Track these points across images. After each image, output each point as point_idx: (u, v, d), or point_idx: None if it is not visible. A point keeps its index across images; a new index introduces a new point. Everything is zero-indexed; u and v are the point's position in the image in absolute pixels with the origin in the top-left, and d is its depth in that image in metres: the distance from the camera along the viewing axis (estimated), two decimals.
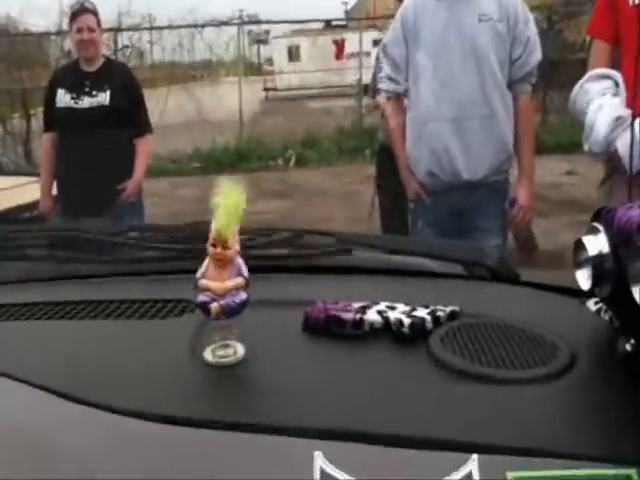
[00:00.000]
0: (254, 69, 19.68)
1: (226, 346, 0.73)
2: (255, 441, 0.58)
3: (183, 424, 0.60)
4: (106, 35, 7.68)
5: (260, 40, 21.34)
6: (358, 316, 0.76)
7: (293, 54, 16.43)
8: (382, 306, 0.79)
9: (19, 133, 8.76)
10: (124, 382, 0.68)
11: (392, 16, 2.48)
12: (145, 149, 3.17)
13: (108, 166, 2.99)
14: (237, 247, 0.72)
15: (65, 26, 9.45)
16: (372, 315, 0.76)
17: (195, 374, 0.70)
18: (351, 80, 11.99)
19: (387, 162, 3.08)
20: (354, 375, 0.69)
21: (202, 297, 0.72)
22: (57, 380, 0.66)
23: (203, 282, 0.72)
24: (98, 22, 3.14)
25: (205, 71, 13.13)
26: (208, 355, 0.72)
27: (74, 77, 3.06)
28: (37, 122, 8.57)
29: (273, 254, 0.98)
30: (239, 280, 0.73)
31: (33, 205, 3.75)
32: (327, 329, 0.77)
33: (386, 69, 2.34)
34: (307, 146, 8.97)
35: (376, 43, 12.68)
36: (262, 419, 0.60)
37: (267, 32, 18.89)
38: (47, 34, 9.81)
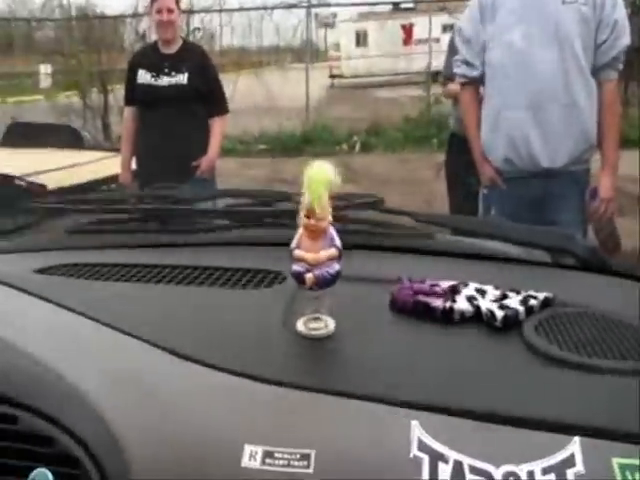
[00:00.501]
0: (320, 54, 19.63)
1: (317, 319, 0.75)
2: (353, 407, 0.60)
3: (274, 385, 0.63)
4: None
5: (327, 23, 21.24)
6: (448, 304, 0.76)
7: (360, 39, 16.26)
8: (472, 290, 0.79)
9: (97, 108, 9.10)
10: (222, 344, 0.71)
11: None
12: (220, 128, 3.25)
13: (184, 143, 3.08)
14: (330, 218, 0.74)
15: (141, 9, 9.78)
16: (462, 304, 0.76)
17: (288, 343, 0.72)
18: (419, 67, 11.77)
19: (458, 150, 3.03)
20: (446, 354, 0.70)
21: (297, 267, 0.73)
22: (162, 336, 0.69)
23: (298, 252, 0.74)
24: (177, 3, 3.21)
25: (273, 57, 13.21)
26: (300, 326, 0.75)
27: (153, 58, 3.16)
28: (114, 99, 8.92)
29: (356, 229, 0.99)
30: (333, 251, 0.74)
31: (113, 178, 3.92)
32: (414, 312, 0.78)
33: (462, 52, 2.29)
34: (372, 133, 8.92)
35: (446, 28, 12.39)
36: (357, 389, 0.62)
37: (334, 15, 18.78)
38: (122, 17, 10.10)
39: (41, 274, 0.90)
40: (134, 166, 3.31)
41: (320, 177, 0.72)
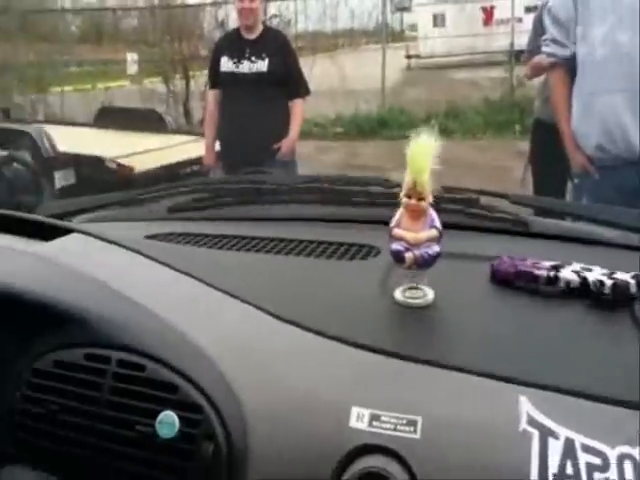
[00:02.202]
0: (396, 36, 19.31)
1: (416, 288, 0.77)
2: (459, 378, 0.62)
3: (377, 352, 0.65)
4: None
5: (402, 8, 20.82)
6: (552, 273, 0.76)
7: (438, 21, 15.86)
8: (577, 267, 0.78)
9: (180, 94, 9.39)
10: (325, 310, 0.74)
11: None
12: (300, 111, 3.31)
13: (265, 126, 3.15)
14: (431, 199, 0.75)
15: None
16: (568, 273, 0.76)
17: (388, 312, 0.74)
18: (499, 46, 11.37)
19: (543, 138, 2.91)
20: (551, 331, 0.70)
21: (396, 246, 0.75)
22: (267, 301, 0.73)
23: (397, 231, 0.75)
24: None
25: (347, 39, 13.13)
26: (398, 295, 0.76)
27: (236, 44, 3.23)
28: (195, 85, 9.18)
29: (452, 209, 1.00)
30: (433, 232, 0.75)
31: (196, 160, 4.06)
32: (516, 283, 0.78)
33: (551, 31, 2.20)
34: (451, 117, 8.69)
35: (529, 9, 11.89)
36: (462, 362, 0.63)
37: None
38: (203, 5, 10.32)
39: (151, 240, 0.97)
40: (217, 148, 3.41)
41: (421, 154, 0.73)
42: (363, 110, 9.02)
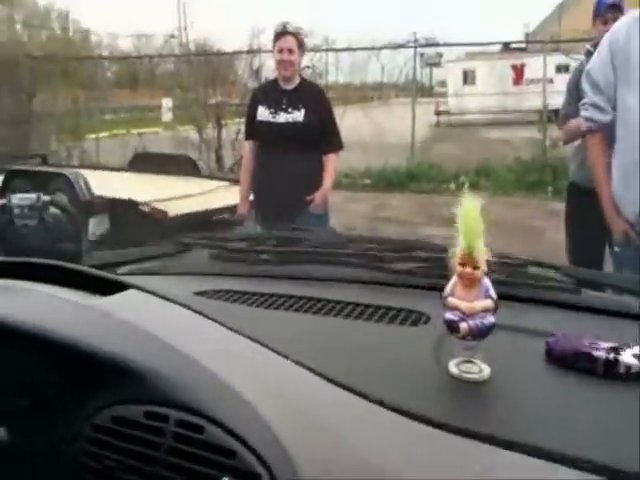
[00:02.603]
0: (425, 91, 19.67)
1: (471, 362, 0.76)
2: (516, 459, 0.60)
3: (432, 424, 0.64)
4: None
5: (433, 63, 21.29)
6: (612, 356, 0.74)
7: (468, 78, 16.13)
8: (637, 350, 0.76)
9: (212, 140, 9.61)
10: (378, 377, 0.73)
11: (582, 40, 2.34)
12: (333, 163, 3.34)
13: (299, 177, 3.18)
14: (485, 267, 0.74)
15: (255, 46, 10.27)
16: (628, 357, 0.74)
17: (439, 382, 0.73)
18: (529, 105, 11.45)
19: (579, 202, 2.87)
20: (609, 413, 0.67)
21: (450, 315, 0.74)
22: (323, 365, 0.72)
23: (452, 300, 0.74)
24: (299, 44, 3.35)
25: (377, 92, 13.42)
26: (453, 368, 0.75)
27: (273, 95, 3.30)
28: (227, 132, 9.39)
29: (501, 279, 0.98)
30: (488, 302, 0.74)
31: (228, 208, 4.12)
32: (573, 363, 0.76)
33: (590, 95, 2.19)
34: (481, 174, 8.70)
35: (560, 69, 12.04)
36: (521, 440, 0.61)
37: (440, 55, 18.81)
38: (238, 53, 10.64)
39: (200, 296, 0.98)
40: (251, 197, 3.45)
41: (473, 221, 0.73)
42: (392, 163, 9.11)
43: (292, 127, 3.21)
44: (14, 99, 9.39)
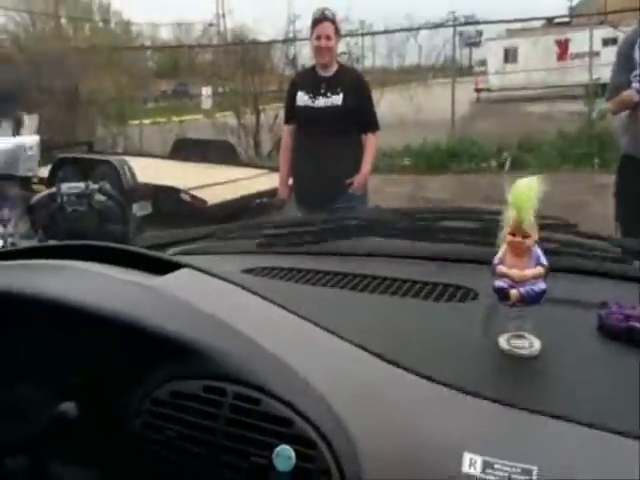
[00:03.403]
0: (464, 72, 19.26)
1: (521, 337, 0.75)
2: (573, 431, 0.60)
3: (488, 400, 0.63)
4: None
5: (472, 43, 20.79)
6: None
7: (510, 56, 15.69)
8: None
9: (250, 126, 9.68)
10: (430, 354, 0.74)
11: (629, 10, 2.27)
12: (372, 146, 3.33)
13: (338, 160, 3.18)
14: (536, 236, 0.73)
15: (291, 35, 10.23)
16: None
17: (490, 357, 0.73)
18: (575, 80, 11.10)
19: (631, 174, 2.80)
20: None
21: (500, 283, 0.73)
22: (372, 342, 0.73)
23: (502, 268, 0.73)
24: (336, 30, 3.33)
25: (415, 75, 13.23)
26: (503, 343, 0.74)
27: (312, 80, 3.30)
28: (265, 118, 9.43)
29: (553, 249, 0.97)
30: (539, 269, 0.73)
31: (269, 193, 4.16)
32: (626, 337, 0.74)
33: None
34: (524, 149, 8.45)
35: (607, 42, 11.61)
36: (576, 414, 0.61)
37: (480, 33, 18.32)
38: (274, 42, 10.63)
39: (248, 274, 0.99)
40: (291, 182, 3.47)
41: (528, 194, 0.72)
42: (432, 141, 8.95)
43: (331, 111, 3.21)
44: (62, 89, 9.64)
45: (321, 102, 3.24)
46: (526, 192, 0.72)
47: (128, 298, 0.79)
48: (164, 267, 0.87)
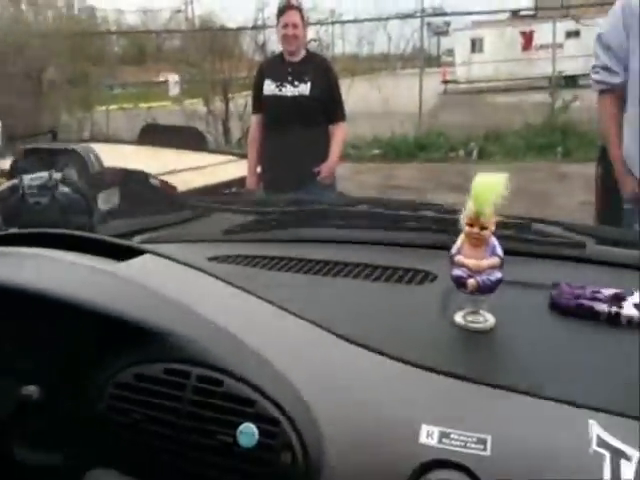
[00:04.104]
0: (432, 61, 19.38)
1: (476, 313, 0.78)
2: (526, 402, 0.63)
3: (444, 374, 0.67)
4: None
5: (440, 32, 20.90)
6: (614, 309, 0.76)
7: (476, 46, 15.86)
8: (638, 299, 0.78)
9: (219, 113, 9.58)
10: (390, 333, 0.76)
11: (592, 5, 2.33)
12: (340, 135, 3.34)
13: (306, 150, 3.19)
14: (493, 228, 0.76)
15: (260, 22, 10.15)
16: (630, 309, 0.76)
17: (447, 334, 0.76)
18: (539, 72, 11.29)
19: (610, 164, 2.87)
20: (613, 359, 0.70)
21: (458, 272, 0.77)
22: (333, 322, 0.76)
23: (459, 258, 0.77)
24: (302, 18, 3.32)
25: (384, 64, 13.26)
26: (459, 319, 0.78)
27: (279, 68, 3.29)
28: (234, 105, 9.35)
29: (508, 235, 1.00)
30: (495, 260, 0.76)
31: (237, 181, 4.13)
32: (576, 315, 0.78)
33: (602, 58, 2.20)
34: (490, 140, 8.61)
35: (569, 35, 11.80)
36: (529, 386, 0.64)
37: (447, 24, 18.46)
38: (243, 29, 10.53)
39: (213, 261, 1.00)
40: (259, 170, 3.46)
41: (488, 189, 0.75)
42: (400, 132, 9.03)
43: (299, 100, 3.20)
44: (24, 77, 9.38)
45: (288, 91, 3.23)
46: (487, 187, 0.74)
47: (89, 283, 0.80)
48: (126, 254, 0.87)
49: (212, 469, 0.67)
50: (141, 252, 0.88)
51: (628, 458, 0.55)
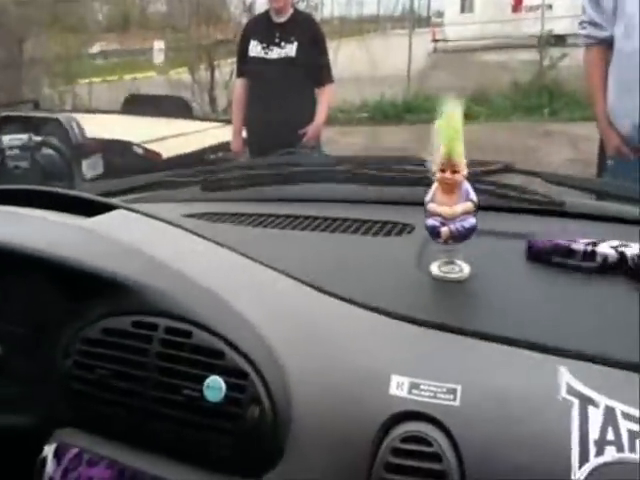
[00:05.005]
0: (422, 22, 19.07)
1: (451, 263, 0.77)
2: (496, 349, 0.62)
3: (415, 323, 0.66)
4: None
5: None
6: (590, 248, 0.75)
7: (466, 5, 15.63)
8: (614, 242, 0.77)
9: (205, 82, 9.43)
10: (363, 283, 0.76)
11: None
12: (326, 97, 3.31)
13: (292, 112, 3.15)
14: (465, 171, 0.74)
15: None
16: (605, 248, 0.75)
17: (422, 284, 0.76)
18: (528, 32, 11.14)
19: None
20: (588, 304, 0.70)
21: (431, 221, 0.75)
22: (307, 274, 0.75)
23: (432, 206, 0.75)
24: None
25: (372, 25, 13.05)
26: (434, 269, 0.77)
27: (265, 28, 3.23)
28: (220, 73, 9.20)
29: (485, 189, 0.99)
30: (468, 205, 0.74)
31: (222, 146, 4.09)
32: (552, 260, 0.78)
33: (589, 13, 2.18)
34: (478, 102, 8.54)
35: None
36: (498, 332, 0.64)
37: None
38: None
39: (189, 218, 0.99)
40: (244, 135, 3.42)
41: (453, 126, 0.73)
42: (388, 95, 8.92)
43: (285, 62, 3.15)
44: (4, 45, 9.16)
45: (274, 53, 3.17)
46: (452, 124, 0.72)
47: (56, 238, 0.78)
48: (98, 210, 0.86)
49: (179, 425, 0.66)
50: (112, 207, 0.87)
51: (596, 405, 0.55)
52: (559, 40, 9.58)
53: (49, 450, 0.72)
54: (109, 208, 0.86)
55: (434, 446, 0.57)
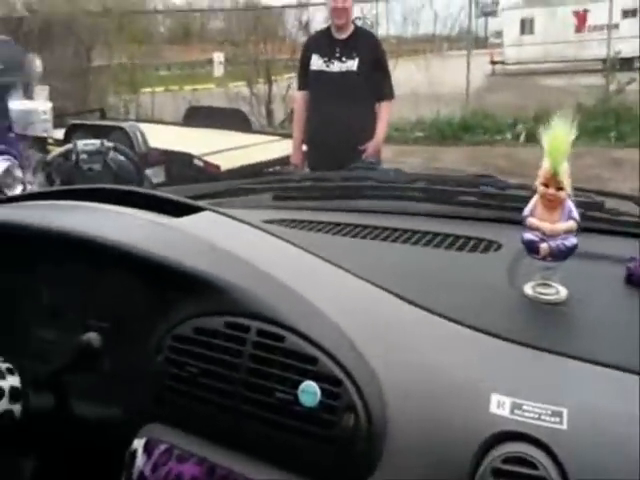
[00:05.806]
0: (479, 43, 18.94)
1: (547, 285, 0.74)
2: (601, 373, 0.59)
3: (515, 343, 0.63)
4: None
5: (489, 12, 20.40)
6: None
7: (526, 27, 15.38)
8: None
9: (263, 96, 9.59)
10: (457, 299, 0.74)
11: None
12: (386, 113, 3.30)
13: (352, 127, 3.15)
14: (569, 189, 0.71)
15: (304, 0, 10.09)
16: None
17: (515, 303, 0.73)
18: (592, 54, 10.90)
19: None
20: None
21: (529, 235, 0.72)
22: (396, 285, 0.73)
23: (532, 220, 0.72)
24: None
25: (429, 45, 13.01)
26: (528, 290, 0.74)
27: (326, 44, 3.25)
28: (277, 87, 9.34)
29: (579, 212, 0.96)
30: (571, 224, 0.71)
31: (281, 160, 4.14)
32: None
33: None
34: (540, 122, 8.32)
35: (627, 14, 11.33)
36: (602, 357, 0.61)
37: (496, 3, 17.99)
38: (287, 7, 10.49)
39: (270, 224, 0.99)
40: (304, 148, 3.44)
41: (560, 142, 0.70)
42: (445, 114, 8.83)
43: (346, 76, 3.16)
44: (73, 54, 9.56)
45: (336, 67, 3.20)
46: (560, 142, 0.70)
47: (152, 236, 0.79)
48: (185, 210, 0.86)
49: (271, 427, 0.66)
50: (200, 209, 0.87)
51: None
52: (626, 63, 9.33)
53: (139, 444, 0.72)
54: (195, 209, 0.87)
55: (540, 469, 0.54)
